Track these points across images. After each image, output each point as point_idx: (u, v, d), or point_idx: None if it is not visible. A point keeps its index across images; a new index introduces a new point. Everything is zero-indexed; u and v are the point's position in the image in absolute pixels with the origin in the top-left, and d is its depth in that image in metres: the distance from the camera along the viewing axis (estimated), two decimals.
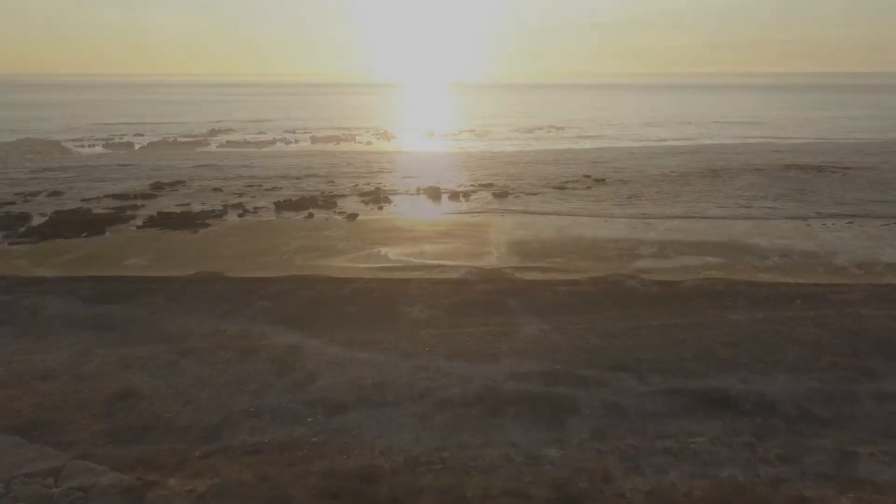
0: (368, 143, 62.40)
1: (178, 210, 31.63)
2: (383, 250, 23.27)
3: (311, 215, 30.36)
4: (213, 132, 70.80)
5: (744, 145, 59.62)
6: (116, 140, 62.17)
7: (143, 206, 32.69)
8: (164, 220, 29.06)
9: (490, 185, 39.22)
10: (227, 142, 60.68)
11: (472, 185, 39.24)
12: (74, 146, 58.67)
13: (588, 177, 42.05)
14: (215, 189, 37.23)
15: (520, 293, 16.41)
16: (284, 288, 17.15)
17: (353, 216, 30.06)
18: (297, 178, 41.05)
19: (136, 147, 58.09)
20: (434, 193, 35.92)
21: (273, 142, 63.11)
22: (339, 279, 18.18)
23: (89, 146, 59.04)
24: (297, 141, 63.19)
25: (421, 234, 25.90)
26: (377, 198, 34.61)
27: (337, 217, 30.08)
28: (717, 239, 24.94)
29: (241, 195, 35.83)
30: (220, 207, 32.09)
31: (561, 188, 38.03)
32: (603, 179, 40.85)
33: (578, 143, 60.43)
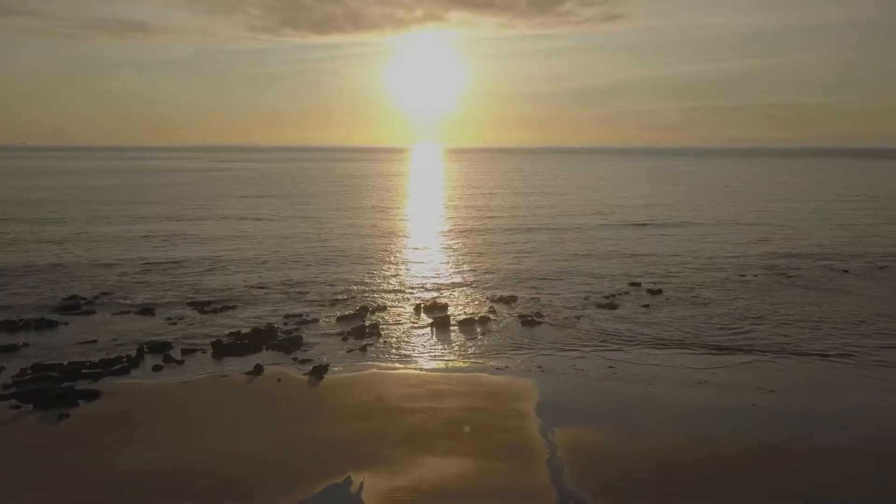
0: (359, 229, 53.28)
1: (72, 356, 21.94)
2: (354, 479, 13.35)
3: (258, 370, 20.53)
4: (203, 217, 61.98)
5: (796, 227, 50.30)
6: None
7: (25, 346, 22.93)
8: (35, 383, 19.31)
9: (513, 299, 29.68)
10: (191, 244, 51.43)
11: (490, 299, 29.73)
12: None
13: (637, 285, 32.51)
14: (144, 311, 27.57)
15: None
16: None
17: (319, 372, 20.26)
18: (264, 288, 31.47)
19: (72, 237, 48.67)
20: (440, 319, 26.14)
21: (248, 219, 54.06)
22: None
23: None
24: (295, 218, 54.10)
25: (418, 424, 16.05)
26: (360, 329, 24.87)
27: (296, 374, 20.26)
28: None
29: (176, 322, 26.19)
30: (134, 351, 22.36)
31: (609, 306, 28.43)
32: (659, 290, 31.26)
33: (605, 231, 51.22)
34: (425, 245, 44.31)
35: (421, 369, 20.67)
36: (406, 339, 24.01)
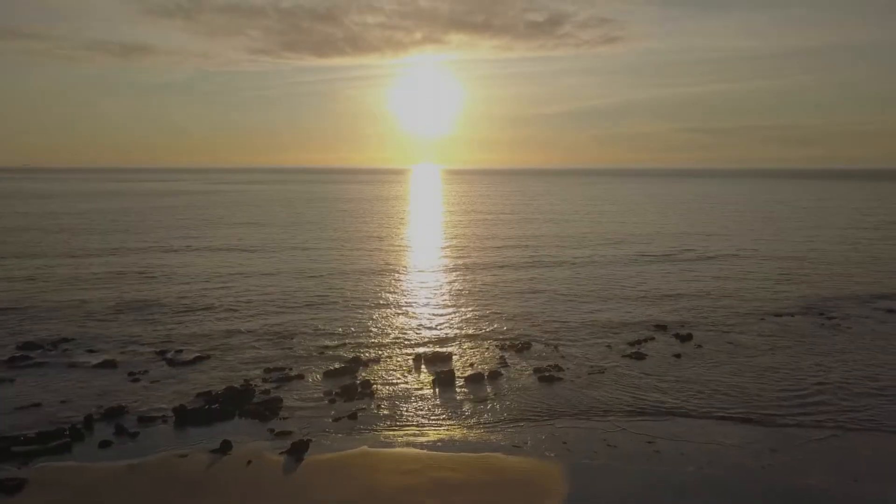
0: (354, 262, 49.87)
1: (7, 426, 18.44)
2: None
3: (225, 448, 17.02)
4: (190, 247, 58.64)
5: (823, 259, 46.90)
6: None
7: None
8: None
9: (526, 347, 26.27)
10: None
11: (500, 348, 26.28)
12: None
13: (663, 328, 29.12)
14: (105, 364, 24.07)
15: None
16: None
17: (298, 451, 16.76)
18: (246, 334, 27.99)
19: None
20: (443, 375, 22.62)
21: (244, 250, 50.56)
22: None
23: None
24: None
25: None
26: (350, 388, 21.38)
27: (270, 454, 16.71)
28: None
29: (140, 378, 22.70)
30: (82, 419, 18.88)
31: (635, 356, 25.00)
32: (689, 335, 27.85)
33: (620, 265, 47.75)
34: (426, 283, 40.70)
35: (421, 447, 17.12)
36: (404, 402, 20.50)
